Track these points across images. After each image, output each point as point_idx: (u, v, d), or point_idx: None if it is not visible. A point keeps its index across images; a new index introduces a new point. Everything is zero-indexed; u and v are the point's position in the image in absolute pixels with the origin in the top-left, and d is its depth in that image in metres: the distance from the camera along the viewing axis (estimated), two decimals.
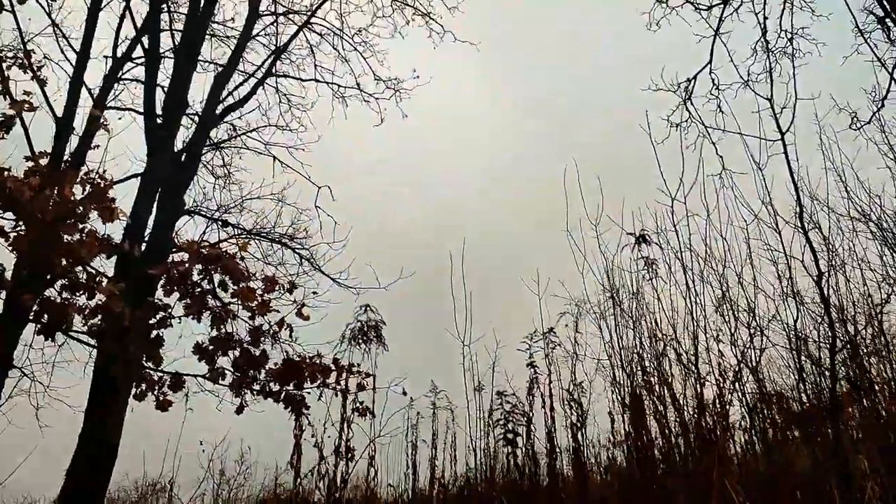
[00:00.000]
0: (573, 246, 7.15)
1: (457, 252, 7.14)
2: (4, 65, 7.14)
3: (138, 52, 11.18)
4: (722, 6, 8.70)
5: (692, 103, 8.74)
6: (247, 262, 8.50)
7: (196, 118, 10.78)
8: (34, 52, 8.11)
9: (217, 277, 6.25)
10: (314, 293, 6.81)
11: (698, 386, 5.06)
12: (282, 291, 6.59)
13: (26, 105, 5.65)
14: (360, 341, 6.85)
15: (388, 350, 6.87)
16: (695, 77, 8.91)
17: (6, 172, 5.20)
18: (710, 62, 8.91)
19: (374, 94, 12.68)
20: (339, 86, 12.63)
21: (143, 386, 6.56)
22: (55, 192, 5.40)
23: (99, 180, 5.63)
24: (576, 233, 7.21)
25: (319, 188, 11.12)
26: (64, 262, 5.85)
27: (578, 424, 6.22)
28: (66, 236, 5.63)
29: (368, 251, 11.34)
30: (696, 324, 5.38)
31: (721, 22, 8.88)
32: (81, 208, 5.51)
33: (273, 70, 11.81)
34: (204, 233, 10.55)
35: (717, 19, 8.83)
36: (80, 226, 5.92)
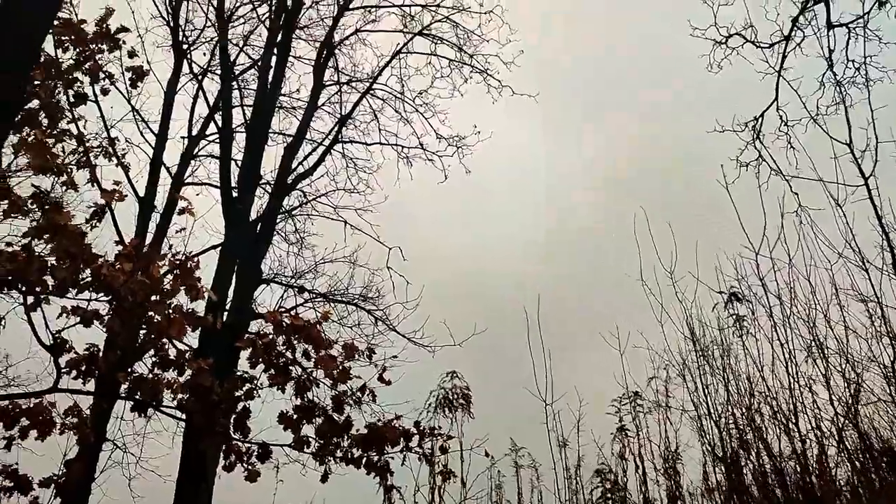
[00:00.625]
0: (649, 295, 7.09)
1: (514, 301, 7.12)
2: (92, 154, 7.56)
3: (211, 128, 11.78)
4: (784, 42, 8.57)
5: (761, 142, 8.58)
6: (323, 324, 8.68)
7: (269, 187, 11.19)
8: (117, 140, 8.58)
9: (300, 347, 6.39)
10: (394, 357, 6.86)
11: (798, 443, 4.86)
12: (361, 357, 6.68)
13: (117, 195, 5.98)
14: (447, 409, 6.85)
15: (475, 418, 6.85)
16: (762, 115, 8.76)
17: (100, 259, 5.48)
18: (776, 99, 8.75)
19: (437, 153, 12.91)
20: (403, 147, 12.91)
21: (232, 457, 6.69)
22: (144, 272, 5.65)
23: (185, 260, 5.87)
24: (650, 282, 7.15)
25: (390, 249, 11.30)
26: (154, 340, 6.08)
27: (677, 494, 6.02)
28: (155, 315, 5.86)
29: (441, 307, 11.40)
30: (790, 377, 5.20)
31: (784, 58, 8.75)
32: (170, 288, 5.75)
33: (339, 137, 12.18)
34: (282, 298, 10.84)
35: (779, 55, 8.71)
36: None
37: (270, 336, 6.37)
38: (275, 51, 10.98)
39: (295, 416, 6.66)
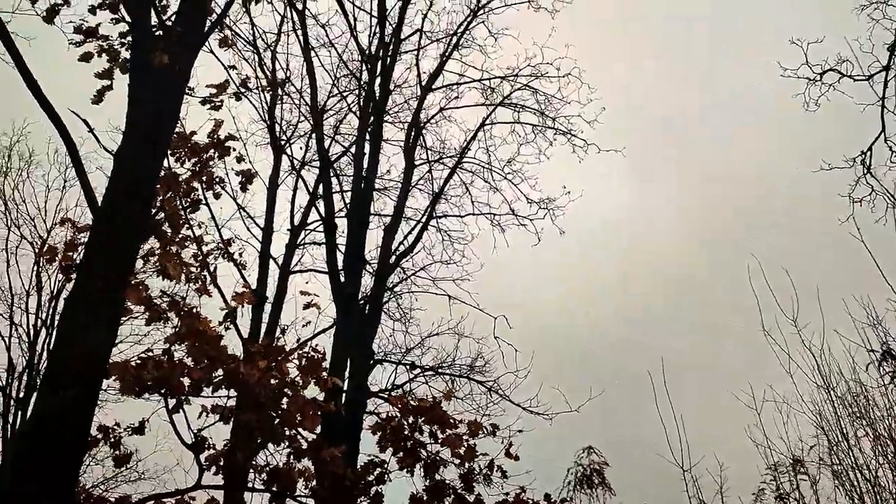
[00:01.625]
0: (773, 345, 6.86)
1: (628, 360, 6.98)
2: (211, 258, 8.01)
3: (313, 216, 12.29)
4: (884, 72, 8.35)
5: (873, 175, 8.30)
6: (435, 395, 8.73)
7: (370, 266, 11.52)
8: (233, 240, 9.08)
9: (427, 428, 6.45)
10: (519, 431, 6.83)
11: None
12: (486, 434, 6.68)
13: (247, 298, 6.32)
14: (586, 486, 6.73)
15: (616, 494, 6.68)
16: (869, 148, 8.51)
17: (237, 361, 5.76)
18: (882, 130, 8.50)
19: (528, 217, 13.03)
20: (495, 214, 13.10)
21: None
22: (276, 368, 5.88)
23: (312, 356, 6.09)
24: (774, 332, 6.92)
25: (495, 318, 11.32)
26: (288, 432, 6.27)
27: None
28: (288, 408, 6.06)
29: (551, 371, 11.30)
30: None
31: (885, 86, 8.51)
32: (301, 382, 5.96)
33: (433, 213, 12.47)
34: (394, 374, 11.02)
35: (881, 85, 8.47)
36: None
37: (397, 419, 6.47)
38: (367, 137, 11.45)
39: (426, 498, 6.67)
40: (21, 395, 14.75)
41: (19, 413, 14.63)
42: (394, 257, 11.45)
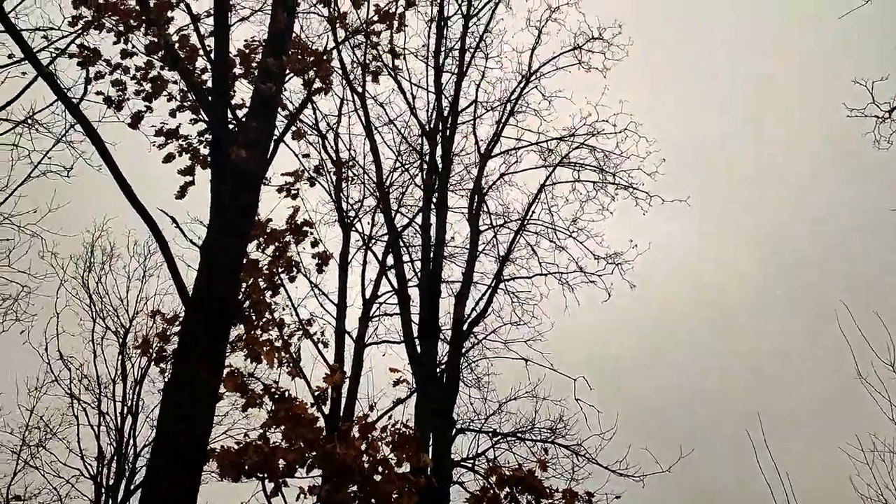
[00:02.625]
0: (873, 393, 6.61)
1: (718, 414, 6.79)
2: (294, 339, 8.22)
3: (383, 286, 12.50)
4: None
5: None
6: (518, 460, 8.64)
7: (445, 333, 11.61)
8: (312, 320, 9.32)
9: (523, 498, 6.39)
10: (617, 497, 6.69)
11: None
12: (581, 502, 6.57)
13: (337, 377, 6.46)
14: None
15: None
16: None
17: (331, 441, 5.86)
18: None
19: (597, 273, 12.97)
20: (563, 273, 13.08)
21: None
22: (370, 448, 5.96)
23: (402, 429, 6.15)
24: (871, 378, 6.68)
25: (574, 379, 11.18)
26: None
27: None
28: (383, 486, 6.11)
29: (636, 430, 11.05)
30: None
31: None
32: (395, 459, 6.02)
33: (501, 276, 12.53)
34: (475, 443, 10.94)
35: None
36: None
37: (492, 491, 6.43)
38: (432, 208, 11.70)
39: None
40: (111, 482, 15.13)
41: (110, 501, 14.98)
42: (466, 324, 11.52)
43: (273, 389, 6.30)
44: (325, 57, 8.26)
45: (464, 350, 12.36)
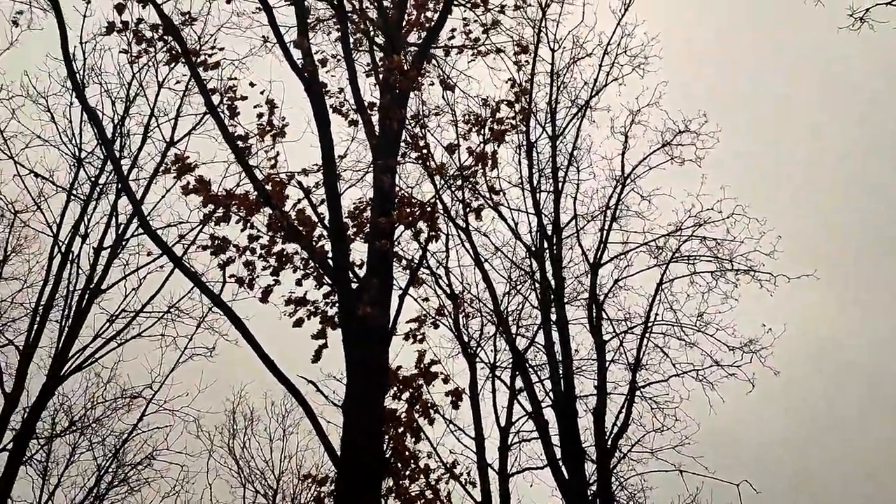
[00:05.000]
0: None
1: None
2: (441, 484, 8.24)
3: (517, 411, 12.38)
4: None
5: None
6: None
7: (588, 451, 11.26)
8: (457, 462, 9.34)
9: None
10: None
11: None
12: None
13: None
14: None
15: None
16: None
17: None
18: None
19: (735, 364, 12.41)
20: (699, 369, 12.58)
21: None
22: None
23: None
24: None
25: (737, 485, 10.47)
26: None
27: None
28: None
29: None
30: None
31: None
32: None
33: (635, 384, 12.19)
34: None
35: None
36: None
37: None
38: (552, 326, 11.70)
39: None
40: None
41: None
42: (609, 439, 11.17)
43: None
44: (430, 208, 8.71)
45: (612, 466, 11.93)
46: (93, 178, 12.30)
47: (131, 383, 12.95)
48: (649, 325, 12.61)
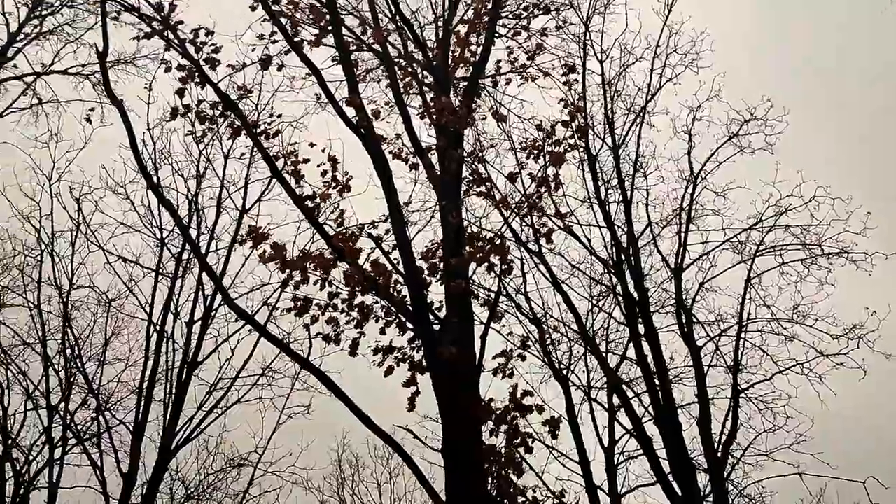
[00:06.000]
0: None
1: None
2: None
3: (618, 429, 12.12)
4: None
5: None
6: None
7: (697, 461, 10.89)
8: (566, 492, 9.20)
9: None
10: None
11: None
12: None
13: None
14: None
15: None
16: None
17: None
18: None
19: (841, 352, 11.85)
20: (802, 363, 12.06)
21: None
22: None
23: None
24: None
25: (863, 482, 9.93)
26: None
27: None
28: None
29: None
30: None
31: None
32: None
33: (738, 387, 11.76)
34: None
35: None
36: None
37: None
38: (643, 339, 11.44)
39: None
40: None
41: None
42: (719, 448, 10.78)
43: None
44: (499, 240, 8.71)
45: (725, 475, 11.50)
46: (176, 256, 12.85)
47: (237, 449, 13.37)
48: (743, 324, 12.18)
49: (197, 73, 8.94)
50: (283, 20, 10.06)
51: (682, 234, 12.80)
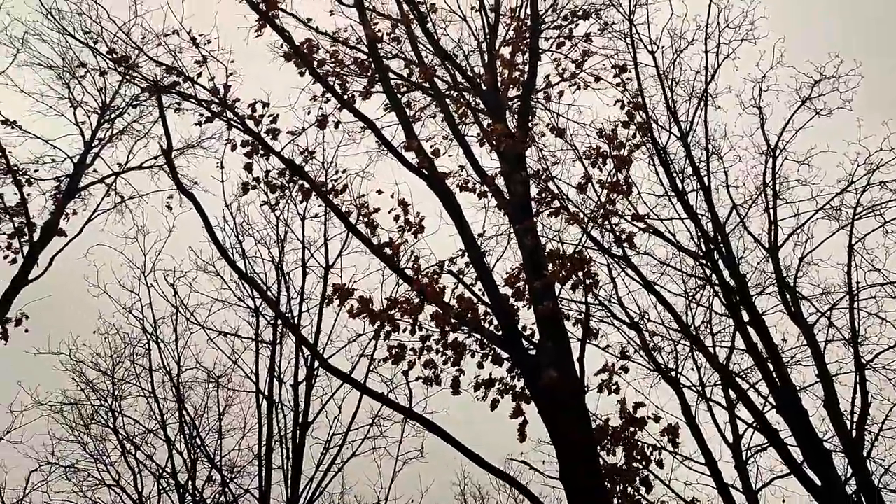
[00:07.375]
0: None
1: None
2: None
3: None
4: None
5: None
6: None
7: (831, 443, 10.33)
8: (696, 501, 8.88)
9: None
10: None
11: None
12: None
13: None
14: None
15: None
16: None
17: None
18: None
19: None
20: None
21: None
22: None
23: None
24: None
25: None
26: None
27: None
28: None
29: None
30: None
31: None
32: None
33: (860, 361, 11.07)
34: None
35: None
36: None
37: None
38: (748, 327, 10.97)
39: None
40: None
41: None
42: (854, 428, 10.14)
43: None
44: (578, 255, 8.56)
45: (865, 454, 10.81)
46: (272, 323, 13.22)
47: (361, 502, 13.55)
48: (854, 293, 11.51)
49: (260, 146, 9.26)
50: (331, 79, 10.34)
51: (771, 211, 12.28)
